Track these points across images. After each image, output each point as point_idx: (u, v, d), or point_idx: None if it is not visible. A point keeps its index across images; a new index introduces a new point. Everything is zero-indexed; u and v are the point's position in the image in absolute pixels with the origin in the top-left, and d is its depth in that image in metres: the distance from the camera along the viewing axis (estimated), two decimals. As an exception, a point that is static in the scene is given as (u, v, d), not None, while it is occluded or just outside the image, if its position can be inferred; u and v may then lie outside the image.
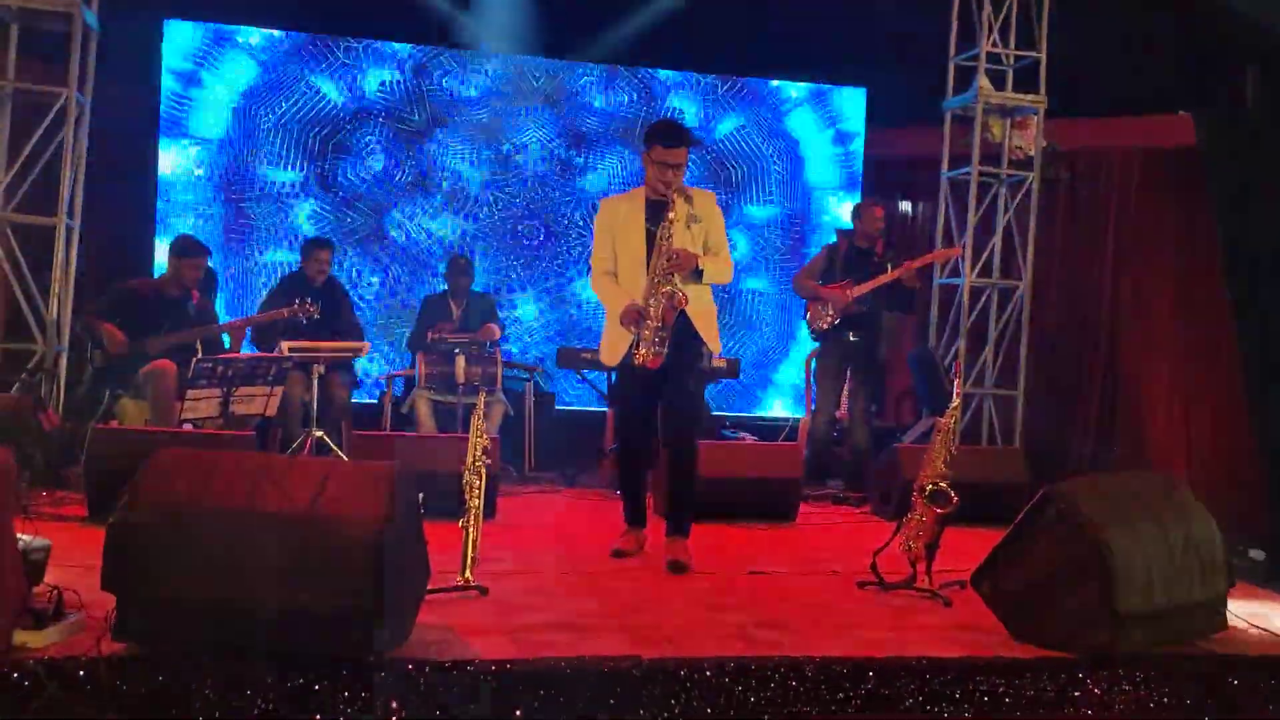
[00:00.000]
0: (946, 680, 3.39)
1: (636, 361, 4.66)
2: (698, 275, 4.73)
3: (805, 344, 8.09)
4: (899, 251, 7.23)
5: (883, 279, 6.88)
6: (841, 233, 7.56)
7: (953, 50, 7.91)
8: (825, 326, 7.05)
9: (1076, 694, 3.48)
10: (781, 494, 6.08)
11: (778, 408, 8.95)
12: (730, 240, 8.64)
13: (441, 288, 7.70)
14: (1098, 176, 7.95)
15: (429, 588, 3.68)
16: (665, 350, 4.64)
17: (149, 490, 3.18)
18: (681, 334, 4.72)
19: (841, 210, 8.94)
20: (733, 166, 8.96)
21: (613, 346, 4.85)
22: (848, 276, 7.03)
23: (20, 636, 3.06)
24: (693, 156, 8.54)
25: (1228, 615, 4.11)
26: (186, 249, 6.48)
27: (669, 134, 4.72)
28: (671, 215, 4.65)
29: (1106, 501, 3.86)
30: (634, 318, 4.67)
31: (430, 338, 7.14)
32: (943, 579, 4.51)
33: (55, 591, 3.23)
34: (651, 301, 4.64)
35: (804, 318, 7.35)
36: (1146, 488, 4.15)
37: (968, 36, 7.81)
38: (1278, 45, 6.36)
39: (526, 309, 8.66)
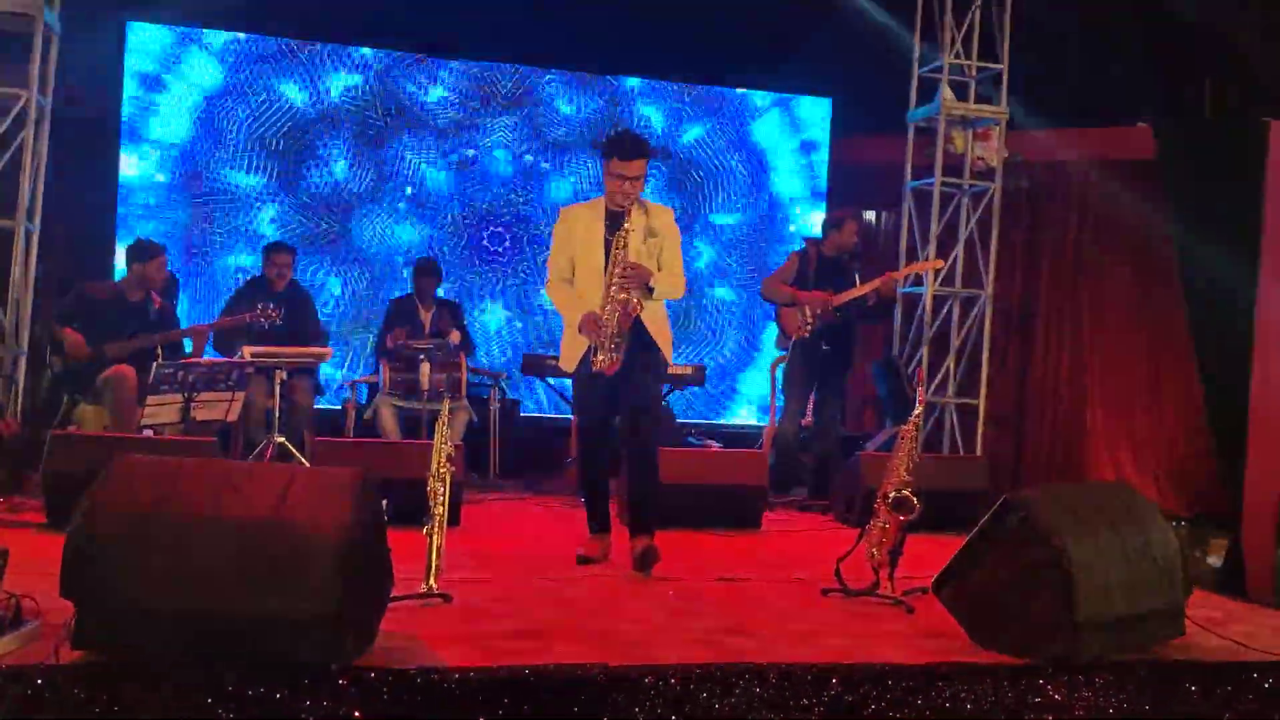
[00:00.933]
0: (909, 686, 3.41)
1: (595, 368, 4.71)
2: (649, 291, 4.76)
3: (770, 352, 8.11)
4: (863, 262, 7.26)
5: (865, 288, 6.84)
6: (810, 241, 7.57)
7: (916, 62, 8.00)
8: (806, 334, 6.94)
9: (1037, 700, 3.51)
10: (747, 501, 6.10)
11: (744, 415, 8.98)
12: (695, 249, 8.72)
13: (408, 290, 7.67)
14: (1058, 187, 8.05)
15: (393, 595, 3.67)
16: (622, 356, 4.69)
17: (109, 497, 3.15)
18: (637, 340, 4.77)
19: (811, 219, 8.99)
20: (699, 175, 8.98)
21: (570, 353, 4.91)
22: (821, 285, 7.02)
23: (-24, 644, 3.02)
24: (657, 165, 8.63)
25: (1186, 622, 4.17)
26: (144, 252, 6.42)
27: (625, 146, 4.72)
28: (627, 226, 4.68)
29: (1066, 509, 3.90)
30: (592, 326, 4.71)
31: (389, 344, 7.11)
32: (906, 585, 4.54)
33: (13, 599, 3.19)
34: (607, 309, 4.68)
35: (776, 323, 7.29)
36: (1105, 495, 4.20)
37: (931, 48, 7.89)
38: (1232, 56, 6.47)
39: (492, 316, 8.64)
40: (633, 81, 8.84)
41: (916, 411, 4.75)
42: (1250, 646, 4.09)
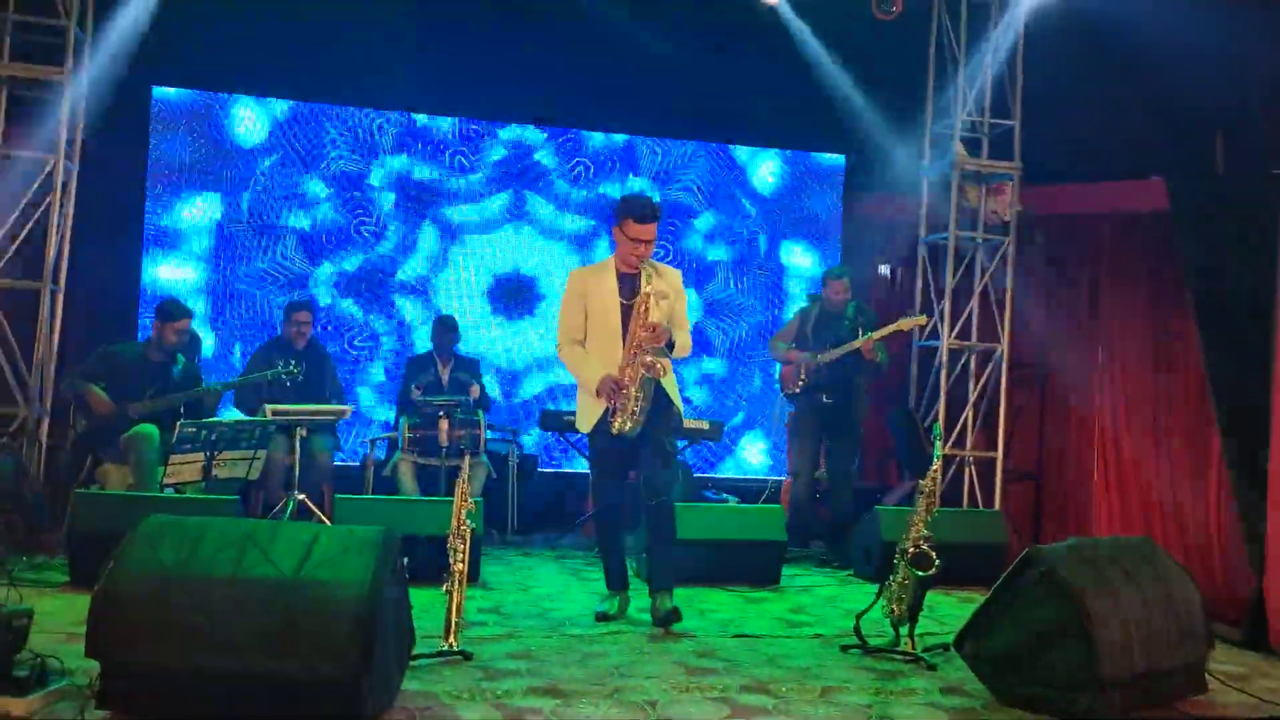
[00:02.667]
0: (931, 744, 3.40)
1: (614, 430, 4.76)
2: (669, 348, 4.88)
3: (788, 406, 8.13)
4: (871, 317, 7.29)
5: (847, 348, 6.96)
6: (813, 296, 7.64)
7: (929, 119, 8.08)
8: (796, 390, 7.13)
9: (1060, 758, 3.49)
10: (765, 556, 6.10)
11: (760, 469, 8.97)
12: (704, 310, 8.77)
13: (427, 348, 7.73)
14: (1072, 241, 8.07)
15: (414, 653, 3.68)
16: (644, 418, 4.75)
17: (134, 557, 3.18)
18: (655, 398, 4.84)
19: (805, 266, 9.05)
20: (713, 233, 9.04)
21: (586, 413, 4.95)
22: (818, 340, 7.11)
23: (3, 704, 3.05)
24: (673, 226, 8.73)
25: (1208, 678, 4.14)
26: (169, 313, 6.50)
27: (643, 210, 4.83)
28: (648, 290, 4.77)
29: (1087, 564, 3.90)
30: (611, 389, 4.76)
31: (415, 393, 7.17)
32: (926, 642, 4.53)
33: (39, 659, 3.22)
34: (629, 372, 4.73)
35: (776, 380, 7.44)
36: (1126, 550, 4.20)
37: (944, 105, 7.97)
38: (1241, 111, 6.51)
39: (520, 357, 8.69)
40: (649, 141, 8.93)
41: (935, 465, 4.76)
42: (1273, 702, 4.06)
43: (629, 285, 4.87)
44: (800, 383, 7.10)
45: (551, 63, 8.14)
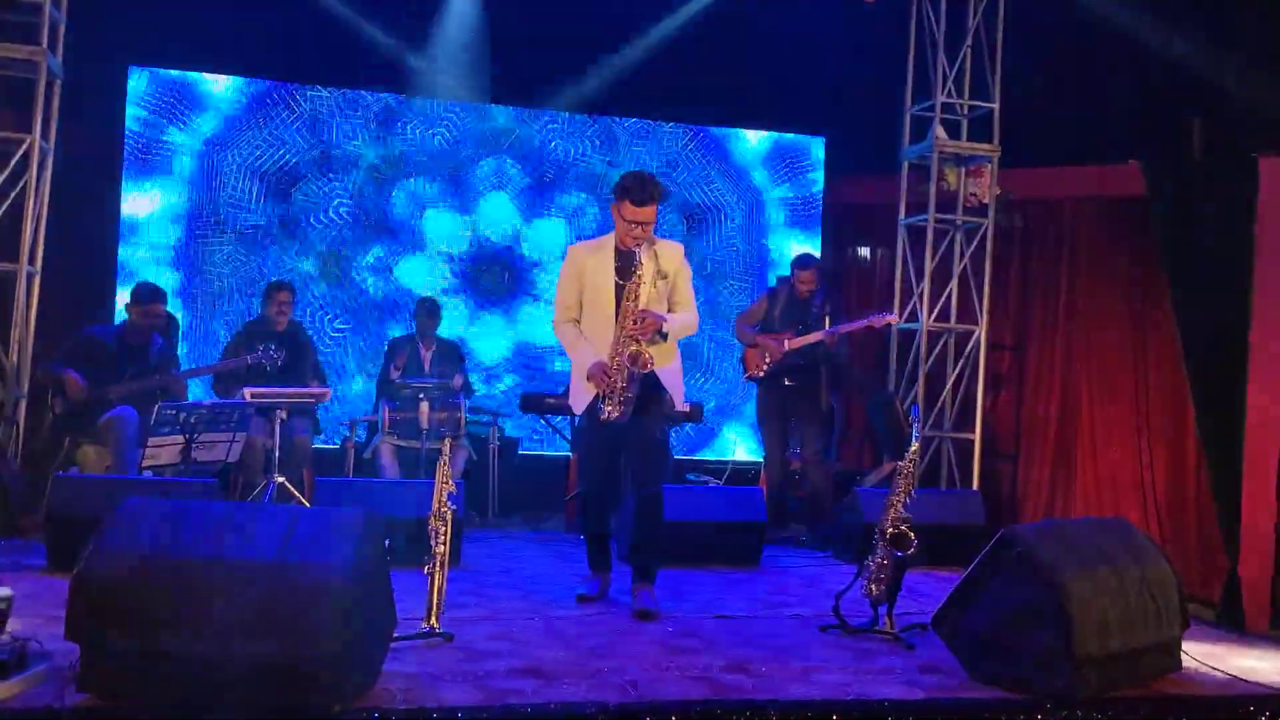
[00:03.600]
0: (909, 723, 3.43)
1: (602, 418, 4.69)
2: (663, 337, 4.75)
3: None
4: (838, 304, 7.31)
5: (812, 337, 6.99)
6: (782, 279, 7.64)
7: (909, 101, 8.08)
8: (760, 375, 7.15)
9: (1036, 735, 3.53)
10: (745, 538, 6.13)
11: (740, 452, 9.00)
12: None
13: (408, 330, 7.71)
14: (1050, 224, 8.10)
15: (395, 635, 3.68)
16: (630, 408, 4.69)
17: (114, 540, 3.17)
18: (646, 385, 4.75)
19: (787, 249, 9.07)
20: (694, 215, 9.05)
21: (578, 395, 4.89)
22: (785, 325, 7.12)
23: (-17, 687, 3.04)
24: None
25: (1183, 656, 4.19)
26: (143, 295, 6.46)
27: (639, 191, 4.64)
28: (638, 276, 4.65)
29: (1063, 544, 3.94)
30: (600, 376, 4.70)
31: (393, 373, 7.16)
32: (904, 621, 4.56)
33: (18, 643, 3.20)
34: (616, 360, 4.67)
35: (740, 362, 7.44)
36: (1102, 531, 4.24)
37: (923, 88, 7.97)
38: (1219, 97, 6.54)
39: (490, 353, 8.68)
40: (628, 122, 8.91)
41: (913, 447, 4.78)
42: (1247, 680, 4.11)
43: (627, 263, 4.72)
44: (764, 368, 7.11)
45: (512, 35, 8.11)
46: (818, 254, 8.24)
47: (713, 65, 8.40)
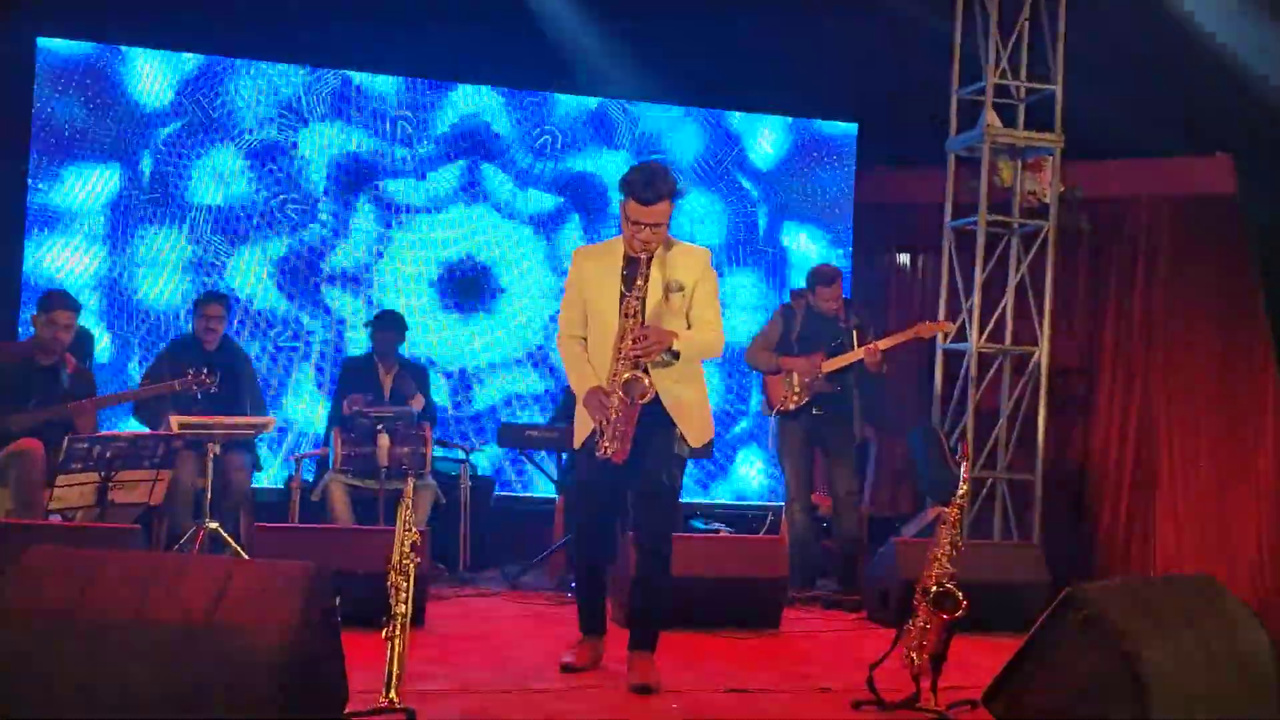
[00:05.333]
0: (957, 818, 3.42)
1: (599, 455, 4.60)
2: (675, 356, 4.62)
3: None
4: (867, 317, 7.30)
5: (851, 356, 6.96)
6: (796, 294, 7.63)
7: (955, 82, 8.08)
8: (790, 407, 7.09)
9: (1107, 833, 3.51)
10: (763, 596, 6.11)
11: (759, 492, 9.00)
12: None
13: (365, 349, 7.72)
14: (1122, 227, 8.12)
15: (347, 710, 3.68)
16: (629, 445, 4.58)
17: (16, 598, 3.17)
18: (654, 420, 4.65)
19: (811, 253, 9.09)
20: (707, 216, 9.07)
21: (579, 427, 4.83)
22: (810, 347, 7.11)
23: None
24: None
25: (1280, 739, 4.17)
26: (50, 302, 6.45)
27: (645, 188, 4.50)
28: (640, 285, 4.55)
29: (1139, 606, 3.93)
30: (597, 405, 4.61)
31: (346, 409, 7.14)
32: (951, 697, 4.54)
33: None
34: (613, 388, 4.58)
35: (761, 394, 7.41)
36: (1184, 591, 4.23)
37: (973, 67, 7.98)
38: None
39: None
40: (650, 107, 8.97)
41: (961, 490, 4.78)
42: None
43: (636, 271, 4.61)
44: (796, 397, 7.07)
45: (513, 16, 8.16)
46: (841, 264, 8.24)
47: (727, 41, 8.40)
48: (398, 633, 4.18)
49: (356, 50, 8.46)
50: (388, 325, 7.50)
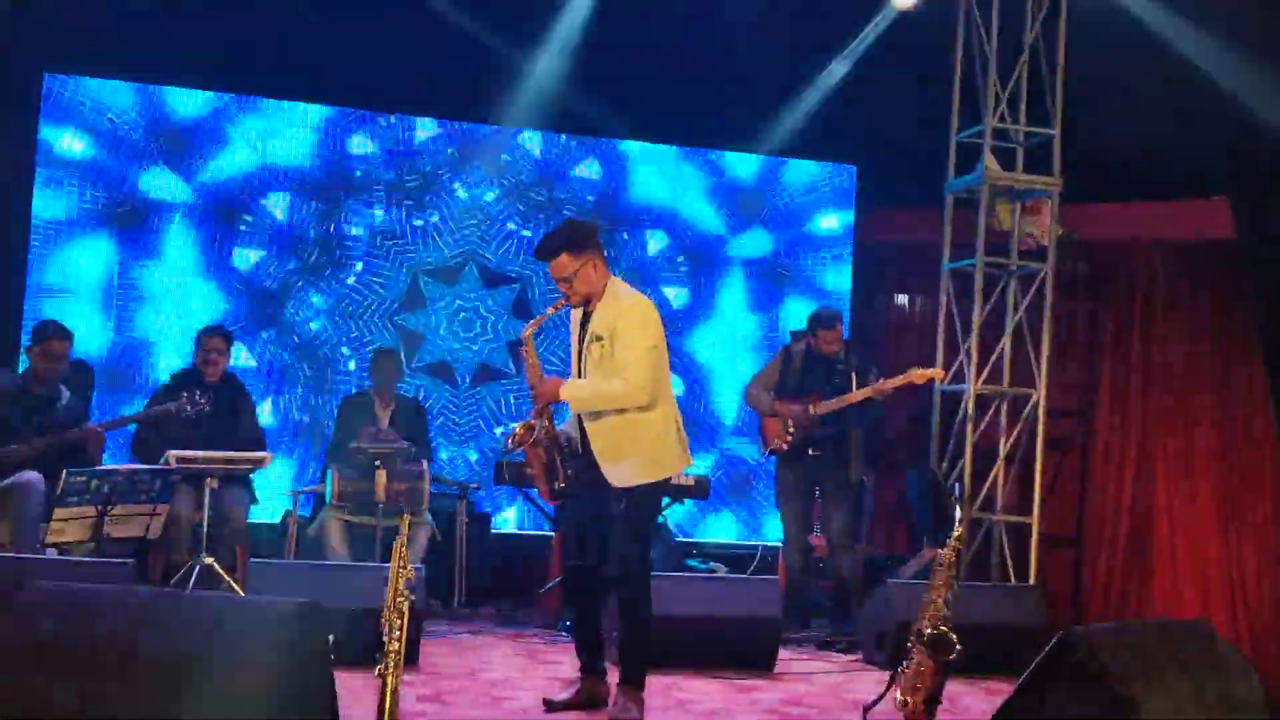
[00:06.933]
0: None
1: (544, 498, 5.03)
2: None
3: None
4: (866, 359, 7.34)
5: (851, 398, 6.98)
6: (796, 335, 7.67)
7: (955, 125, 8.11)
8: (784, 448, 7.16)
9: None
10: (757, 638, 6.11)
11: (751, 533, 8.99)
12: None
13: (364, 385, 7.72)
14: (1121, 270, 8.13)
15: (339, 750, 3.66)
16: (562, 484, 4.87)
17: (10, 633, 3.17)
18: (588, 463, 4.89)
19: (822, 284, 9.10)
20: (706, 255, 9.09)
21: None
22: (805, 387, 7.15)
23: None
24: (668, 241, 8.80)
25: (1275, 787, 4.16)
26: (43, 332, 6.47)
27: (538, 248, 4.93)
28: (527, 335, 4.93)
29: (1134, 651, 3.92)
30: (513, 441, 4.97)
31: (353, 445, 7.14)
32: (945, 741, 4.54)
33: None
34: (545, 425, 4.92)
35: (758, 433, 7.45)
36: (1180, 636, 4.22)
37: (971, 110, 8.01)
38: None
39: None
40: (636, 146, 9.00)
41: (957, 532, 4.79)
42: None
43: (587, 321, 4.95)
44: (789, 439, 7.12)
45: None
46: (840, 307, 8.27)
47: (717, 78, 8.42)
48: (391, 671, 4.18)
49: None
50: (385, 361, 7.52)
